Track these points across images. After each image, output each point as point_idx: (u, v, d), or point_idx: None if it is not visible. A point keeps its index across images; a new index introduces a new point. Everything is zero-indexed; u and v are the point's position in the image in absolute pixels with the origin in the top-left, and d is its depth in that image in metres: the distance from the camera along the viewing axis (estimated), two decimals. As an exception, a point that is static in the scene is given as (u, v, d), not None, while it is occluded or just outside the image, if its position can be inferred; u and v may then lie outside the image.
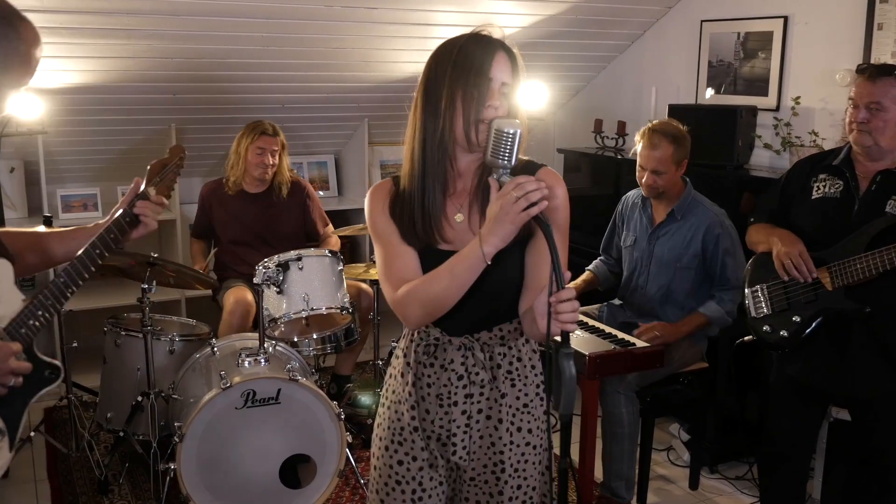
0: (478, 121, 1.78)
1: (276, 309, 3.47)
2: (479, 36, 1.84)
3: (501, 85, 1.80)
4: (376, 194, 1.93)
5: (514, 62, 1.83)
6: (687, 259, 3.49)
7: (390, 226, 1.89)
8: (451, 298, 1.81)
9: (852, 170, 2.79)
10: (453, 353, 1.93)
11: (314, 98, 4.79)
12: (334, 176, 5.58)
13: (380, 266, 1.94)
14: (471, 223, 1.90)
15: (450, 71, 1.80)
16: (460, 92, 1.78)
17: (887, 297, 2.68)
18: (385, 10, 4.10)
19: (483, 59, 1.79)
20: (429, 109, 1.83)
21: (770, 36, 4.23)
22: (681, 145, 3.49)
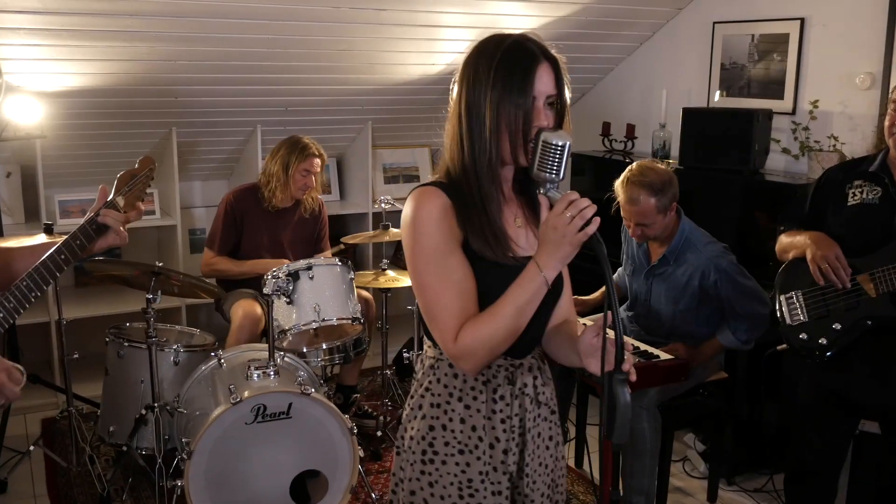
0: (526, 142, 1.68)
1: (286, 320, 3.37)
2: (518, 45, 1.70)
3: (546, 97, 1.69)
4: (437, 205, 1.69)
5: (559, 70, 1.72)
6: (685, 302, 3.36)
7: (455, 248, 1.71)
8: (519, 332, 1.70)
9: (891, 176, 2.70)
10: (525, 376, 1.83)
11: (318, 101, 4.69)
12: (336, 179, 5.47)
13: (428, 299, 1.73)
14: (529, 227, 1.81)
15: (490, 89, 1.67)
16: (504, 114, 1.66)
17: None
18: (393, 12, 4.00)
19: (525, 74, 1.66)
20: (474, 128, 1.70)
21: (786, 38, 4.15)
22: (664, 193, 3.25)
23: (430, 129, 5.39)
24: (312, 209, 4.29)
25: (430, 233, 1.69)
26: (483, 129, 1.69)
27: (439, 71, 4.68)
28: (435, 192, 1.71)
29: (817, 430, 2.92)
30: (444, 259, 1.70)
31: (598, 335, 1.68)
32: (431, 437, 1.84)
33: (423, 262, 1.71)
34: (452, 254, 1.70)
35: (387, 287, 3.91)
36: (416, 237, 1.70)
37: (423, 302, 1.75)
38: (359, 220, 5.27)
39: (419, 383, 1.90)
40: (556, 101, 1.71)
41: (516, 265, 1.72)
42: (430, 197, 1.70)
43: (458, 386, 1.83)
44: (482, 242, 1.70)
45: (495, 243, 1.71)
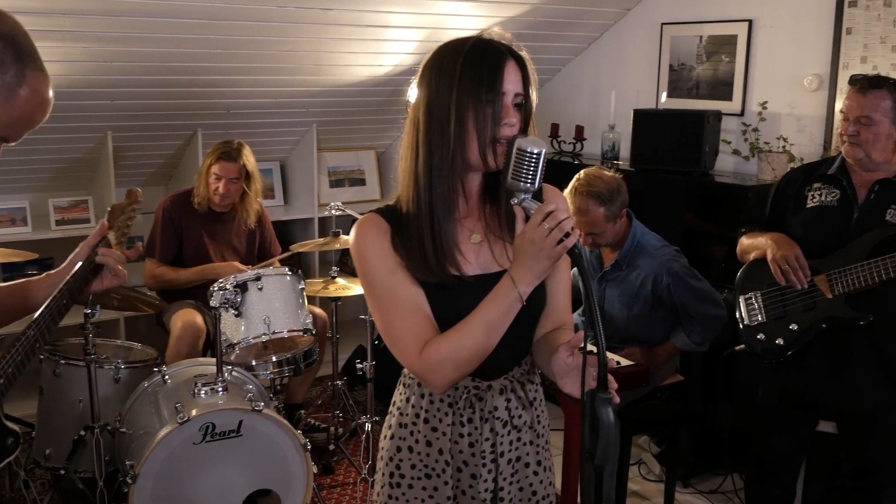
0: (495, 142, 1.59)
1: (233, 333, 3.23)
2: (484, 42, 1.63)
3: (515, 97, 1.61)
4: (371, 232, 1.65)
5: (525, 69, 1.63)
6: (639, 307, 3.32)
7: (396, 268, 1.64)
8: (489, 350, 1.61)
9: (849, 178, 2.72)
10: (496, 399, 1.73)
11: (261, 103, 4.54)
12: (280, 184, 5.32)
13: (384, 323, 1.66)
14: (490, 243, 1.71)
15: (455, 86, 1.58)
16: (471, 111, 1.57)
17: (889, 307, 2.61)
18: (340, 12, 3.88)
19: (493, 70, 1.58)
20: (434, 131, 1.61)
21: (734, 39, 4.16)
22: (612, 202, 3.21)
23: (376, 132, 5.34)
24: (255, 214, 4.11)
25: (370, 258, 1.65)
26: (446, 130, 1.59)
27: (387, 72, 4.57)
28: (372, 218, 1.68)
29: (777, 432, 2.93)
30: (388, 280, 1.64)
31: (573, 354, 1.60)
32: (398, 459, 1.77)
33: (372, 287, 1.67)
34: (394, 273, 1.64)
35: (337, 296, 3.79)
36: (360, 267, 1.67)
37: (381, 326, 1.69)
38: (304, 226, 5.13)
39: (393, 399, 1.84)
40: (523, 102, 1.63)
41: (461, 285, 1.64)
42: (367, 225, 1.67)
43: (425, 406, 1.75)
44: (418, 265, 1.63)
45: (436, 264, 1.63)
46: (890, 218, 2.64)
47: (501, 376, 1.75)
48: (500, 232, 1.72)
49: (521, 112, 1.62)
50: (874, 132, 2.59)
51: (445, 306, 1.64)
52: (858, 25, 3.65)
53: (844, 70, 3.71)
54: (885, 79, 2.66)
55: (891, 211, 2.65)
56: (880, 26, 3.57)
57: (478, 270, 1.68)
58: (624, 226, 3.32)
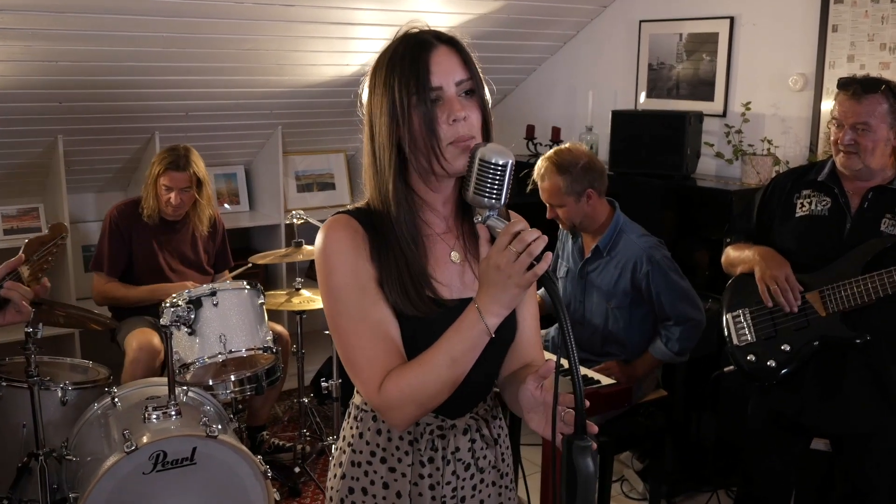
0: (438, 147, 1.40)
1: (188, 353, 3.02)
2: (405, 37, 1.45)
3: (458, 85, 1.42)
4: (344, 236, 1.45)
5: (462, 52, 1.45)
6: (618, 299, 3.15)
7: (368, 284, 1.44)
8: (454, 386, 1.43)
9: (841, 186, 2.55)
10: (459, 439, 1.56)
11: (223, 105, 4.32)
12: (245, 189, 5.10)
13: (345, 347, 1.47)
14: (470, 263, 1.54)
15: (382, 95, 1.42)
16: (401, 116, 1.40)
17: (886, 325, 2.45)
18: (304, 8, 3.67)
19: (415, 64, 1.40)
20: (374, 145, 1.46)
21: (715, 37, 3.99)
22: (571, 174, 3.05)
23: (345, 134, 5.12)
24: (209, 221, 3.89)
25: (340, 268, 1.44)
26: (382, 146, 1.44)
27: (354, 72, 4.37)
28: (345, 220, 1.47)
29: (768, 454, 2.77)
30: (359, 297, 1.44)
31: (540, 387, 1.42)
32: (351, 501, 1.59)
33: (336, 302, 1.45)
34: (367, 291, 1.44)
35: (301, 309, 3.58)
36: (325, 273, 1.46)
37: (340, 347, 1.49)
38: (270, 233, 4.91)
39: (342, 432, 1.65)
40: (473, 88, 1.43)
41: (441, 315, 1.46)
42: (339, 226, 1.47)
43: (383, 444, 1.56)
44: (398, 293, 1.44)
45: (415, 290, 1.44)
46: (885, 228, 2.48)
47: (466, 414, 1.58)
48: (477, 251, 1.55)
49: (475, 101, 1.43)
50: (872, 139, 2.42)
51: (426, 338, 1.44)
52: (845, 23, 3.49)
53: (831, 69, 3.56)
54: (878, 81, 2.49)
55: (886, 220, 2.49)
56: (868, 23, 3.41)
57: (459, 294, 1.51)
58: (601, 212, 3.16)
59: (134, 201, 3.80)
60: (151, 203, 3.69)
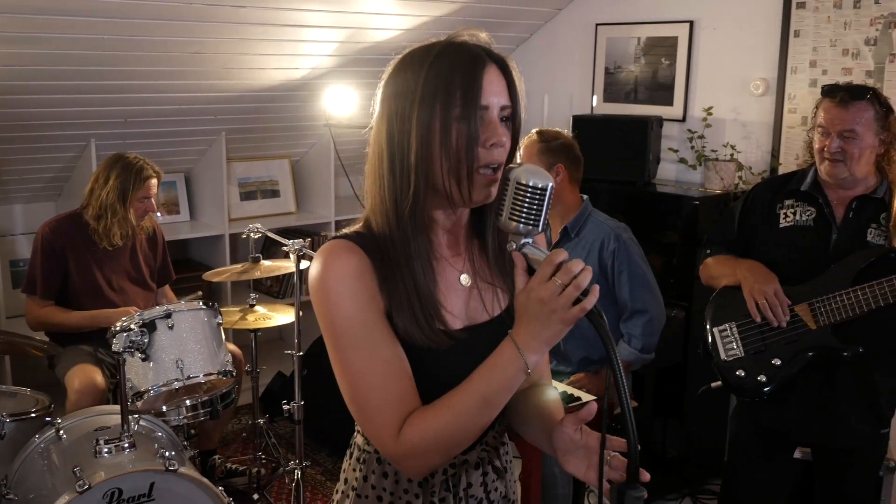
0: (472, 169, 1.28)
1: (141, 380, 2.80)
2: (455, 46, 1.32)
3: (501, 110, 1.30)
4: (348, 265, 1.30)
5: (510, 74, 1.33)
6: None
7: (378, 319, 1.31)
8: (483, 429, 1.31)
9: (825, 195, 2.51)
10: (471, 474, 1.44)
11: (164, 110, 4.08)
12: (185, 197, 4.85)
13: (355, 390, 1.32)
14: (480, 289, 1.41)
15: (418, 105, 1.28)
16: (439, 135, 1.27)
17: (878, 337, 2.41)
18: (253, 10, 3.48)
19: (468, 79, 1.27)
20: (396, 161, 1.31)
21: (674, 41, 3.95)
22: (549, 145, 3.05)
23: (291, 139, 4.92)
24: (148, 231, 3.67)
25: (345, 300, 1.29)
26: (407, 158, 1.28)
27: (303, 75, 4.19)
28: (347, 247, 1.32)
29: (753, 468, 2.71)
30: (368, 333, 1.30)
31: (580, 429, 1.31)
32: None
33: (341, 339, 1.31)
34: (377, 326, 1.30)
35: (257, 327, 3.39)
36: (327, 308, 1.31)
37: (347, 389, 1.34)
38: (213, 244, 4.67)
39: (344, 475, 1.49)
40: (510, 116, 1.32)
41: (452, 347, 1.33)
42: (340, 254, 1.31)
43: (390, 488, 1.42)
44: (409, 320, 1.31)
45: (425, 319, 1.31)
46: (871, 238, 2.44)
47: (478, 446, 1.45)
48: (489, 276, 1.42)
49: (509, 129, 1.31)
50: (859, 147, 2.38)
51: (430, 366, 1.32)
52: (807, 28, 3.48)
53: (792, 74, 3.55)
54: (864, 88, 2.45)
55: (872, 230, 2.45)
56: (830, 29, 3.41)
57: (464, 321, 1.38)
58: (573, 199, 3.10)
59: (69, 216, 3.50)
60: (116, 229, 3.41)
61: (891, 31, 3.23)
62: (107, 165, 3.47)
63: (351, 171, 4.75)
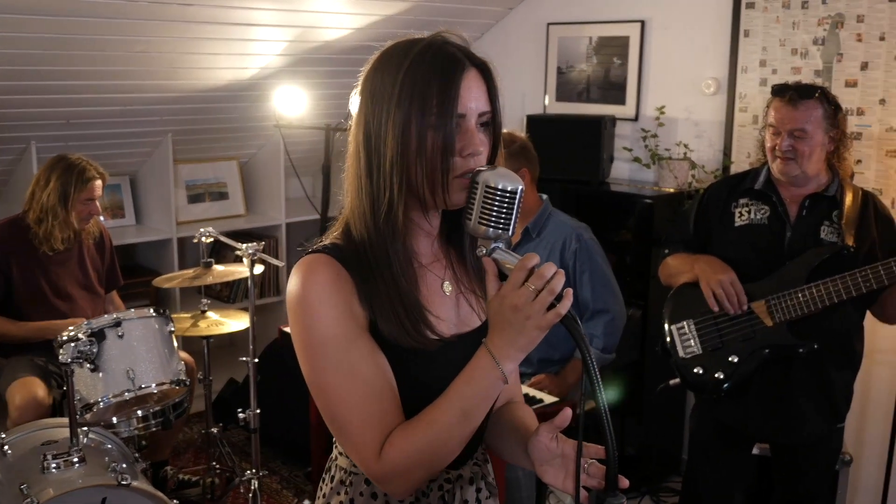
0: (447, 179, 1.24)
1: (91, 391, 2.71)
2: (435, 47, 1.27)
3: (479, 117, 1.27)
4: (328, 281, 1.25)
5: (491, 80, 1.30)
6: None
7: (359, 335, 1.26)
8: (466, 441, 1.27)
9: (778, 194, 2.54)
10: (466, 490, 1.40)
11: (107, 111, 3.95)
12: (130, 201, 4.72)
13: (334, 410, 1.27)
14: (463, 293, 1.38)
15: (395, 108, 1.24)
16: (414, 140, 1.23)
17: (833, 333, 2.44)
18: (200, 8, 3.39)
19: (445, 85, 1.23)
20: (373, 166, 1.27)
21: (626, 41, 3.97)
22: (509, 151, 2.93)
23: (239, 141, 4.82)
24: (95, 235, 3.56)
25: (324, 318, 1.25)
26: (382, 164, 1.24)
27: (252, 75, 4.11)
28: (324, 261, 1.27)
29: (713, 465, 2.73)
30: (347, 352, 1.25)
31: (556, 438, 1.28)
32: None
33: (320, 359, 1.26)
34: (356, 343, 1.26)
35: (209, 334, 3.31)
36: (306, 326, 1.26)
37: (326, 409, 1.29)
38: (161, 248, 4.56)
39: (324, 499, 1.43)
40: (490, 121, 1.29)
41: (442, 350, 1.30)
42: (318, 269, 1.26)
43: None
44: (394, 324, 1.26)
45: (412, 324, 1.27)
46: (825, 236, 2.48)
47: (469, 461, 1.41)
48: (469, 283, 1.39)
49: (488, 135, 1.28)
50: (809, 145, 2.42)
51: (427, 375, 1.29)
52: (757, 28, 3.52)
53: (743, 74, 3.58)
54: (813, 87, 2.48)
55: (825, 227, 2.49)
56: (779, 28, 3.45)
57: (456, 329, 1.35)
58: (534, 200, 3.10)
59: (10, 221, 3.37)
60: (57, 232, 3.29)
61: (838, 32, 3.28)
62: (48, 167, 3.36)
63: (302, 172, 4.67)
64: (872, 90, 3.23)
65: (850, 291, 2.33)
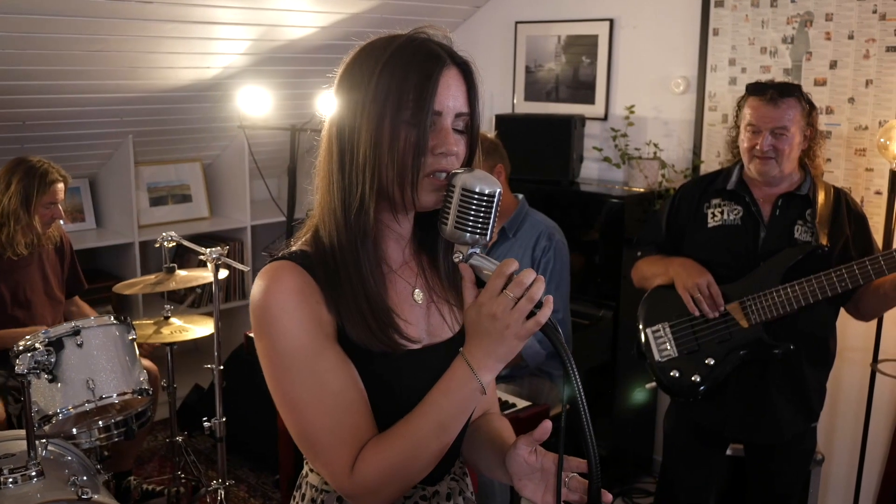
0: (417, 177, 1.19)
1: (49, 403, 2.60)
2: (415, 42, 1.22)
3: (456, 118, 1.22)
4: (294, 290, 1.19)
5: (471, 79, 1.25)
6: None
7: (326, 346, 1.20)
8: (442, 454, 1.22)
9: (751, 194, 2.51)
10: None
11: (65, 112, 3.84)
12: (91, 204, 4.60)
13: (302, 425, 1.21)
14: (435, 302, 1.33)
15: (370, 102, 1.19)
16: (389, 137, 1.18)
17: (808, 332, 2.42)
18: (160, 6, 3.29)
19: (423, 81, 1.18)
20: (346, 162, 1.21)
21: (594, 40, 3.94)
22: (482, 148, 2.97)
23: (202, 142, 4.72)
24: (55, 240, 3.46)
25: (290, 330, 1.18)
26: (356, 159, 1.19)
27: (215, 75, 4.02)
28: (289, 268, 1.21)
29: (689, 467, 2.71)
30: (314, 364, 1.19)
31: (535, 451, 1.24)
32: None
33: (286, 371, 1.20)
34: (324, 354, 1.20)
35: (173, 341, 3.22)
36: (271, 337, 1.19)
37: (293, 424, 1.23)
38: (122, 252, 4.44)
39: None
40: (468, 124, 1.24)
41: (413, 354, 1.25)
42: (283, 277, 1.20)
43: None
44: (363, 328, 1.21)
45: (379, 327, 1.21)
46: (799, 235, 2.46)
47: (446, 476, 1.36)
48: (442, 292, 1.33)
49: (465, 137, 1.23)
50: (790, 144, 2.41)
51: (397, 380, 1.23)
52: (726, 26, 3.50)
53: (712, 72, 3.57)
54: (792, 85, 2.47)
55: (798, 227, 2.47)
56: (748, 27, 3.44)
57: (428, 338, 1.30)
58: (509, 199, 3.06)
59: None
60: (19, 237, 3.21)
61: (807, 30, 3.28)
62: (8, 170, 3.25)
63: (267, 173, 4.59)
64: (841, 89, 3.23)
65: (825, 291, 2.31)
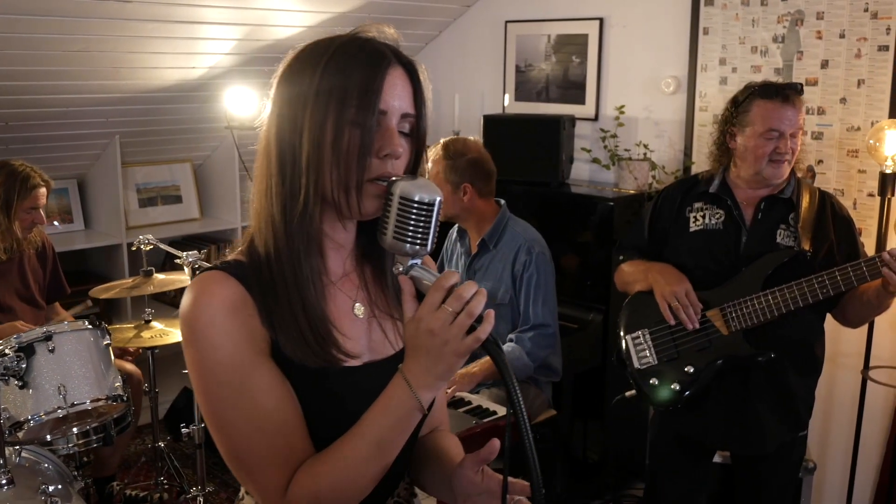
0: (361, 180, 1.14)
1: (19, 409, 2.56)
2: (360, 41, 1.18)
3: (401, 119, 1.17)
4: (222, 302, 1.13)
5: (417, 81, 1.20)
6: (502, 293, 2.94)
7: (256, 362, 1.14)
8: (379, 478, 1.16)
9: (733, 197, 2.46)
10: None
11: (49, 113, 3.80)
12: (79, 206, 4.56)
13: (231, 445, 1.16)
14: (377, 317, 1.27)
15: (312, 102, 1.14)
16: (330, 133, 1.12)
17: (791, 339, 2.36)
18: (143, 5, 3.25)
19: (368, 79, 1.13)
20: (286, 164, 1.16)
21: (584, 39, 3.88)
22: (455, 163, 2.89)
23: (191, 142, 4.67)
24: (36, 244, 3.42)
25: (218, 344, 1.12)
26: (297, 161, 1.14)
27: (200, 75, 3.97)
28: (220, 278, 1.15)
29: (674, 476, 2.65)
30: (245, 381, 1.13)
31: (481, 471, 1.19)
32: None
33: (214, 389, 1.14)
34: (255, 371, 1.14)
35: (154, 345, 3.18)
36: (199, 351, 1.13)
37: (224, 445, 1.18)
38: (110, 254, 4.41)
39: None
40: (414, 127, 1.19)
41: (352, 371, 1.19)
42: (213, 287, 1.14)
43: None
44: (299, 342, 1.15)
45: (317, 341, 1.16)
46: (781, 240, 2.40)
47: (390, 497, 1.31)
48: (386, 307, 1.27)
49: (411, 141, 1.18)
50: (800, 143, 2.38)
51: (334, 399, 1.18)
52: (716, 25, 3.44)
53: (703, 72, 3.51)
54: (796, 84, 2.41)
55: (781, 231, 2.41)
56: (739, 26, 3.38)
57: (369, 356, 1.24)
58: (488, 211, 2.99)
59: None
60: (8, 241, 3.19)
61: (798, 29, 3.22)
62: None
63: (256, 174, 4.55)
64: (833, 89, 3.17)
65: (806, 298, 2.26)
